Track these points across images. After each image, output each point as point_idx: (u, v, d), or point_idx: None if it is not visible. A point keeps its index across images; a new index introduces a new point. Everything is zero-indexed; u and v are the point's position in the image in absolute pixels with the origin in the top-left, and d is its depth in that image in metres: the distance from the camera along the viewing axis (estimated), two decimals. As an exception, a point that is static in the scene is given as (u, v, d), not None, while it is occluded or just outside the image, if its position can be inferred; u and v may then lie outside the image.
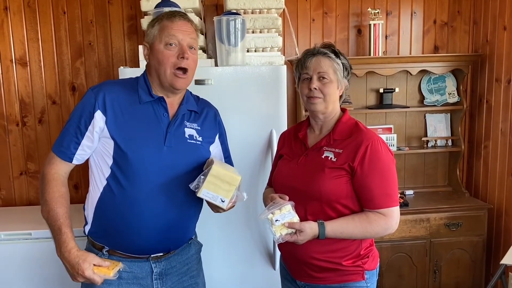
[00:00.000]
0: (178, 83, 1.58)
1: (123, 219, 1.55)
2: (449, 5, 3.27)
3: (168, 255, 1.66)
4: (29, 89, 3.00)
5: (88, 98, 1.57)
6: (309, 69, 1.63)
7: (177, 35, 1.56)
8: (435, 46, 3.30)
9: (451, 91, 3.25)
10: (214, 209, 1.60)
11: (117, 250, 1.60)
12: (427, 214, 2.96)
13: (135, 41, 3.03)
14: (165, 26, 1.57)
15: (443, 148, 3.28)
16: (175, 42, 1.56)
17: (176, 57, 1.56)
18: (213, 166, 1.50)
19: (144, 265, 1.62)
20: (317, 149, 1.64)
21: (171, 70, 1.56)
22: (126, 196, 1.54)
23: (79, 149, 1.57)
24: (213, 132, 1.74)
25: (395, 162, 1.62)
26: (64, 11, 2.97)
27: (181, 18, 1.59)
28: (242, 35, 2.31)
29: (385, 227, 1.57)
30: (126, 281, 1.61)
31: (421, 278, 3.01)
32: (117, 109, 1.56)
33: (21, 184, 3.07)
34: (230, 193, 1.50)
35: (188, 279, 1.72)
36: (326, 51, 1.64)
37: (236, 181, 1.52)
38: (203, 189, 1.48)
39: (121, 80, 1.72)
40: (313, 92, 1.61)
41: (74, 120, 1.56)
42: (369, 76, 3.21)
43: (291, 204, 1.54)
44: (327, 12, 3.19)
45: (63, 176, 1.59)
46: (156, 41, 1.57)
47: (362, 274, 1.62)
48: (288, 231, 1.51)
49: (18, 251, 2.49)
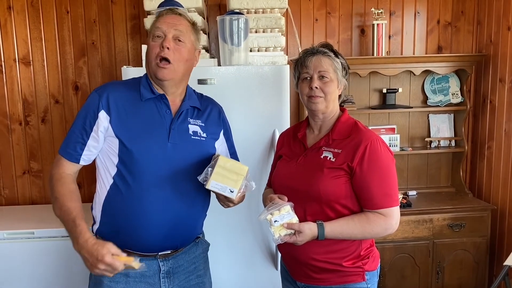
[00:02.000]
0: (160, 73, 1.57)
1: (130, 216, 1.56)
2: (453, 5, 3.26)
3: (176, 254, 1.67)
4: (32, 88, 3.00)
5: (92, 99, 1.59)
6: (309, 68, 1.62)
7: (161, 26, 1.57)
8: (438, 46, 3.29)
9: (454, 92, 3.24)
10: (224, 202, 1.61)
11: (125, 248, 1.60)
12: (430, 215, 2.96)
13: (138, 41, 3.03)
14: (156, 21, 1.60)
15: (446, 149, 3.27)
16: (160, 34, 1.57)
17: (159, 48, 1.56)
18: (220, 157, 1.52)
19: (152, 263, 1.62)
20: (316, 149, 1.63)
21: (155, 61, 1.57)
22: (133, 193, 1.55)
23: (85, 150, 1.58)
24: (218, 129, 1.75)
25: (394, 162, 1.61)
26: (68, 10, 2.97)
27: (170, 12, 1.61)
28: (245, 34, 2.31)
29: (385, 227, 1.56)
30: (134, 279, 1.62)
31: (424, 279, 3.00)
32: (120, 108, 1.57)
33: (24, 183, 3.08)
34: (238, 183, 1.51)
35: (195, 278, 1.73)
36: (325, 50, 1.64)
37: (244, 170, 1.53)
38: (212, 180, 1.49)
39: (125, 81, 1.73)
40: (314, 91, 1.60)
41: (79, 122, 1.58)
42: (372, 76, 3.20)
43: (290, 205, 1.54)
44: (330, 12, 3.19)
45: (71, 175, 1.60)
46: (149, 37, 1.60)
47: (363, 275, 1.61)
48: (287, 232, 1.51)
49: (21, 250, 2.50)
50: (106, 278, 1.60)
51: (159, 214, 1.57)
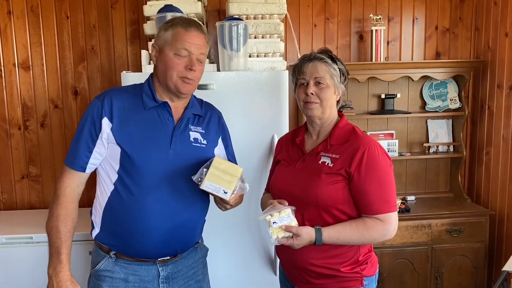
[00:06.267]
0: (184, 88, 1.60)
1: (131, 222, 1.57)
2: (451, 11, 3.28)
3: (175, 259, 1.67)
4: (32, 93, 3.00)
5: (94, 106, 1.59)
6: (306, 74, 1.63)
7: (189, 48, 1.57)
8: (436, 52, 3.31)
9: (452, 97, 3.25)
10: (221, 204, 1.62)
11: (124, 254, 1.62)
12: (429, 220, 2.96)
13: (137, 46, 3.04)
14: (179, 35, 1.57)
15: (444, 154, 3.28)
16: (186, 54, 1.57)
17: (183, 67, 1.57)
18: (215, 158, 1.53)
19: (151, 268, 1.63)
20: (314, 154, 1.64)
21: (177, 76, 1.58)
22: (134, 199, 1.56)
23: (91, 158, 1.59)
24: (217, 136, 1.76)
25: (392, 167, 1.61)
26: (67, 15, 2.98)
27: (196, 29, 1.60)
28: (244, 40, 2.32)
29: (383, 233, 1.56)
30: (133, 284, 1.62)
31: (422, 284, 3.00)
32: (122, 115, 1.58)
33: (23, 188, 3.07)
34: (232, 184, 1.52)
35: (194, 283, 1.74)
36: (322, 56, 1.64)
37: (238, 172, 1.54)
38: (206, 181, 1.51)
39: (125, 87, 1.73)
40: (309, 97, 1.61)
41: (82, 130, 1.58)
42: (370, 81, 3.21)
43: (292, 209, 1.54)
44: (329, 17, 3.20)
45: (75, 190, 1.61)
46: (167, 47, 1.58)
47: (361, 280, 1.61)
48: (285, 235, 1.51)
49: (19, 254, 2.49)
50: (105, 283, 1.61)
51: (159, 220, 1.57)
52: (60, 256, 1.53)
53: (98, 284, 1.63)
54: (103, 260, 1.63)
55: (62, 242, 1.54)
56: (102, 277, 1.62)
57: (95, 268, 1.64)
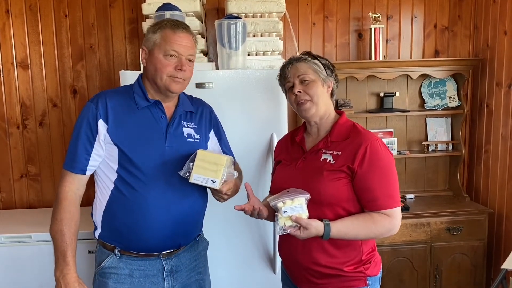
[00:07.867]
0: (174, 87, 1.64)
1: (134, 218, 1.61)
2: (450, 10, 3.28)
3: (178, 252, 1.72)
4: (30, 91, 3.00)
5: (89, 110, 1.63)
6: (289, 77, 1.64)
7: (178, 49, 1.61)
8: (435, 51, 3.31)
9: (451, 95, 3.25)
10: (218, 196, 1.65)
11: (128, 250, 1.66)
12: (428, 218, 2.96)
13: (136, 44, 3.04)
14: (167, 37, 1.61)
15: (443, 152, 3.28)
16: (175, 54, 1.61)
17: (173, 68, 1.62)
18: (199, 150, 1.58)
19: (155, 263, 1.67)
20: (315, 152, 1.62)
21: (167, 76, 1.62)
22: (135, 196, 1.60)
23: (90, 160, 1.62)
24: (210, 129, 1.81)
25: (394, 162, 1.61)
26: (66, 14, 2.97)
27: (184, 31, 1.64)
28: (243, 38, 2.32)
29: (389, 228, 1.55)
30: (138, 279, 1.66)
31: (421, 282, 3.00)
32: (117, 116, 1.62)
33: (22, 187, 3.07)
34: (219, 173, 1.56)
35: (195, 275, 1.78)
36: (301, 56, 1.66)
37: (223, 160, 1.58)
38: (194, 174, 1.55)
39: (116, 89, 1.77)
40: (298, 96, 1.61)
41: (79, 134, 1.62)
42: (369, 80, 3.21)
43: (305, 198, 1.50)
44: (328, 16, 3.20)
45: (76, 193, 1.64)
46: (156, 49, 1.62)
47: (365, 280, 1.60)
48: (293, 224, 1.48)
49: (18, 253, 2.49)
50: (111, 280, 1.65)
51: (161, 214, 1.62)
52: (66, 258, 1.57)
53: (103, 281, 1.66)
54: (108, 258, 1.66)
55: (68, 245, 1.58)
56: (107, 275, 1.66)
57: (100, 266, 1.68)
